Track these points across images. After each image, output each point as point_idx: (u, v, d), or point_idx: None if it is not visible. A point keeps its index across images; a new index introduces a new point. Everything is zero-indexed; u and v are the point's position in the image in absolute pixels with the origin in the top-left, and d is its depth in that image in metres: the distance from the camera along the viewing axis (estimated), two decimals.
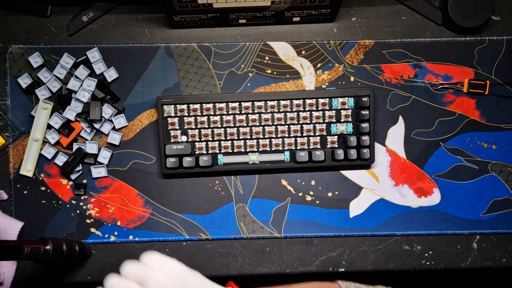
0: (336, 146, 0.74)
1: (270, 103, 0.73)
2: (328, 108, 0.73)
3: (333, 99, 0.73)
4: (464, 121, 0.76)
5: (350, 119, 0.74)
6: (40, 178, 0.75)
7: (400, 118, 0.76)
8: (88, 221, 0.75)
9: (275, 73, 0.76)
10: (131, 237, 0.75)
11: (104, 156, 0.75)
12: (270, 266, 0.75)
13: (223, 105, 0.73)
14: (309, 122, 0.73)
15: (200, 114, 0.73)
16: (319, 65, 0.76)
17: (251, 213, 0.75)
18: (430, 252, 0.76)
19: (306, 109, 0.73)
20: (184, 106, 0.72)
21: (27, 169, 0.74)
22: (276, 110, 0.73)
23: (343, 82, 0.76)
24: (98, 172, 0.75)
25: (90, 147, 0.74)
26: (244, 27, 0.77)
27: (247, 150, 0.74)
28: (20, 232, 0.72)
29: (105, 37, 0.76)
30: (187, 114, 0.73)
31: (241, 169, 0.74)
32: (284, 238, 0.76)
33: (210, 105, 0.73)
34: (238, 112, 0.73)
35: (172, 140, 0.73)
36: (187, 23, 0.75)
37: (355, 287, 0.61)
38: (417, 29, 0.77)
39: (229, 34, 0.77)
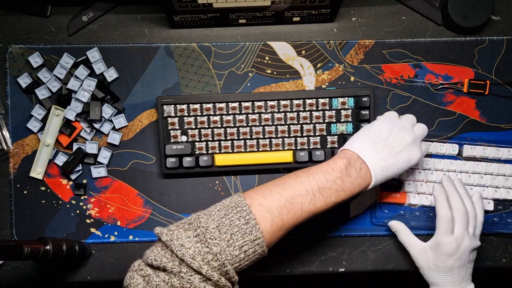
0: (336, 146, 0.74)
1: (270, 103, 0.73)
2: (328, 108, 0.73)
3: (333, 99, 0.73)
4: (464, 121, 0.76)
5: (350, 119, 0.74)
6: (40, 178, 0.75)
7: None
8: (88, 221, 0.75)
9: (275, 73, 0.76)
10: (131, 237, 0.75)
11: (104, 156, 0.75)
12: (271, 266, 0.75)
13: (223, 105, 0.73)
14: (309, 122, 0.73)
15: (200, 114, 0.73)
16: (319, 65, 0.76)
17: None
18: None
19: (306, 109, 0.73)
20: (184, 106, 0.72)
21: (38, 171, 0.74)
22: (276, 110, 0.73)
23: (343, 82, 0.76)
24: (98, 172, 0.75)
25: (90, 147, 0.74)
26: (244, 27, 0.77)
27: (247, 150, 0.74)
28: None
29: (105, 37, 0.76)
30: (187, 114, 0.73)
31: (241, 169, 0.74)
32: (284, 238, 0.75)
33: (210, 105, 0.73)
34: (238, 112, 0.73)
35: (172, 140, 0.73)
36: (187, 23, 0.75)
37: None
38: (417, 29, 0.77)
39: (229, 34, 0.77)
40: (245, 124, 0.73)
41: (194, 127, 0.73)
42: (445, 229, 0.63)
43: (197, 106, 0.73)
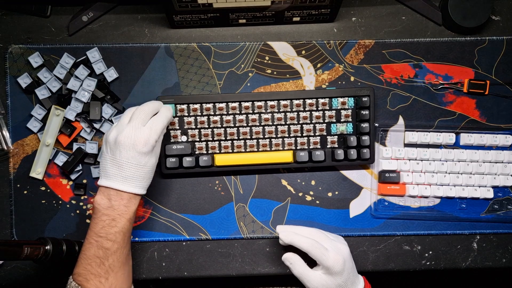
0: (336, 146, 0.74)
1: (270, 103, 0.73)
2: (328, 108, 0.73)
3: (333, 99, 0.73)
4: (464, 121, 0.76)
5: (350, 119, 0.74)
6: (40, 178, 0.75)
7: (400, 118, 0.76)
8: (88, 221, 0.75)
9: (275, 73, 0.76)
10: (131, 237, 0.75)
11: None
12: (270, 266, 0.75)
13: (223, 105, 0.73)
14: (309, 122, 0.73)
15: (200, 114, 0.73)
16: (319, 65, 0.76)
17: (251, 213, 0.75)
18: (430, 252, 0.76)
19: (306, 109, 0.73)
20: (184, 106, 0.72)
21: (38, 171, 0.74)
22: (276, 110, 0.73)
23: (343, 82, 0.76)
24: (98, 172, 0.75)
25: (90, 147, 0.74)
26: (244, 27, 0.77)
27: (247, 150, 0.74)
28: None
29: (105, 37, 0.76)
30: (187, 114, 0.73)
31: (241, 169, 0.74)
32: None
33: (210, 105, 0.73)
34: (238, 112, 0.73)
35: (172, 140, 0.73)
36: (187, 23, 0.75)
37: None
38: (417, 29, 0.77)
39: (229, 34, 0.77)
40: (245, 124, 0.73)
41: (194, 127, 0.73)
42: (320, 253, 0.63)
43: (197, 106, 0.73)
